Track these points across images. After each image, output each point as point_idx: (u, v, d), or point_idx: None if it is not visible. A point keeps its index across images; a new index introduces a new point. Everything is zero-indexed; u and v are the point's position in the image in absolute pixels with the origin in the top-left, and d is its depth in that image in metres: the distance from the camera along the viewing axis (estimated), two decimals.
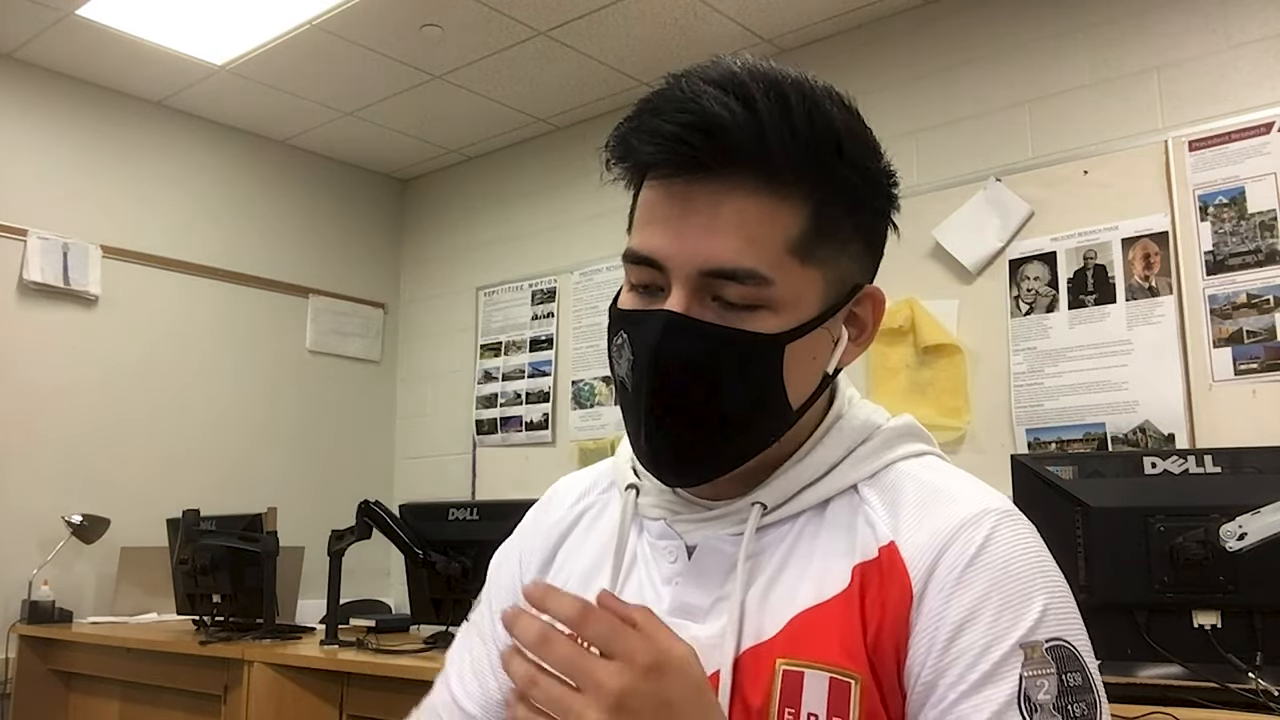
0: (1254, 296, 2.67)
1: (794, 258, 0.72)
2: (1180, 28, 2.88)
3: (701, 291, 0.72)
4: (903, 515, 0.74)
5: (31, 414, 3.68)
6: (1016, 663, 0.67)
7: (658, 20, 3.46)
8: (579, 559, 0.87)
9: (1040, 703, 0.67)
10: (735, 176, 0.70)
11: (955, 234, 3.15)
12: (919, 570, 0.71)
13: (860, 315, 0.80)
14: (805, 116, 0.71)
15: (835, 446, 0.79)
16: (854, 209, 0.75)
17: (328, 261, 4.65)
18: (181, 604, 3.24)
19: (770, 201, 0.71)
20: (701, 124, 0.69)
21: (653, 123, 0.71)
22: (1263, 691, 1.54)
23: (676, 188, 0.72)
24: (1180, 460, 1.67)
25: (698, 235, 0.71)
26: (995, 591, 0.69)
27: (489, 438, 4.37)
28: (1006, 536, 0.71)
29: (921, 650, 0.69)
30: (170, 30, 3.57)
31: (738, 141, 0.69)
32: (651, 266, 0.73)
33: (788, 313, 0.73)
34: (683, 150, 0.69)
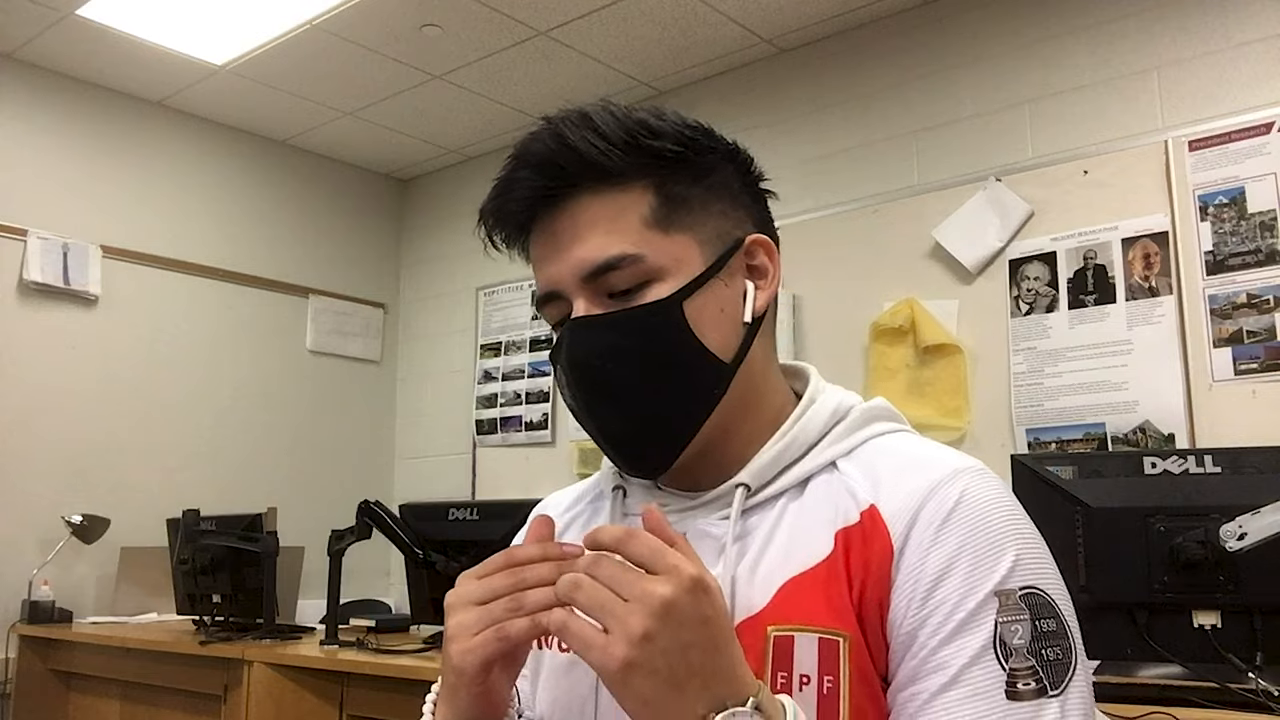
0: (1254, 296, 2.67)
1: (656, 231, 0.79)
2: (1180, 28, 2.88)
3: (595, 294, 0.79)
4: (882, 481, 0.78)
5: (31, 414, 3.68)
6: (991, 610, 0.70)
7: (658, 20, 3.46)
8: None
9: (1015, 647, 0.70)
10: (576, 192, 0.79)
11: (955, 234, 3.15)
12: (898, 528, 0.74)
13: (758, 264, 0.85)
14: (609, 119, 0.79)
15: (811, 428, 0.83)
16: (697, 177, 0.82)
17: (328, 261, 4.65)
18: (181, 604, 3.24)
19: (612, 196, 0.79)
20: (530, 164, 0.80)
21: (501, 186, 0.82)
22: (1263, 691, 1.54)
23: (544, 226, 0.81)
24: (1180, 460, 1.67)
25: (568, 250, 0.79)
26: (970, 544, 0.72)
27: (489, 438, 4.37)
28: (979, 492, 0.75)
29: (902, 603, 0.72)
30: (170, 30, 3.57)
31: (559, 162, 0.78)
32: (554, 299, 0.81)
33: (673, 277, 0.79)
34: (527, 189, 0.80)
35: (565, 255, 0.79)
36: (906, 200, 3.27)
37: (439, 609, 2.80)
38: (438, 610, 2.67)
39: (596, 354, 0.78)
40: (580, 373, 0.79)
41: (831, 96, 3.53)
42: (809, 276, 3.35)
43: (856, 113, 3.46)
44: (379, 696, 2.42)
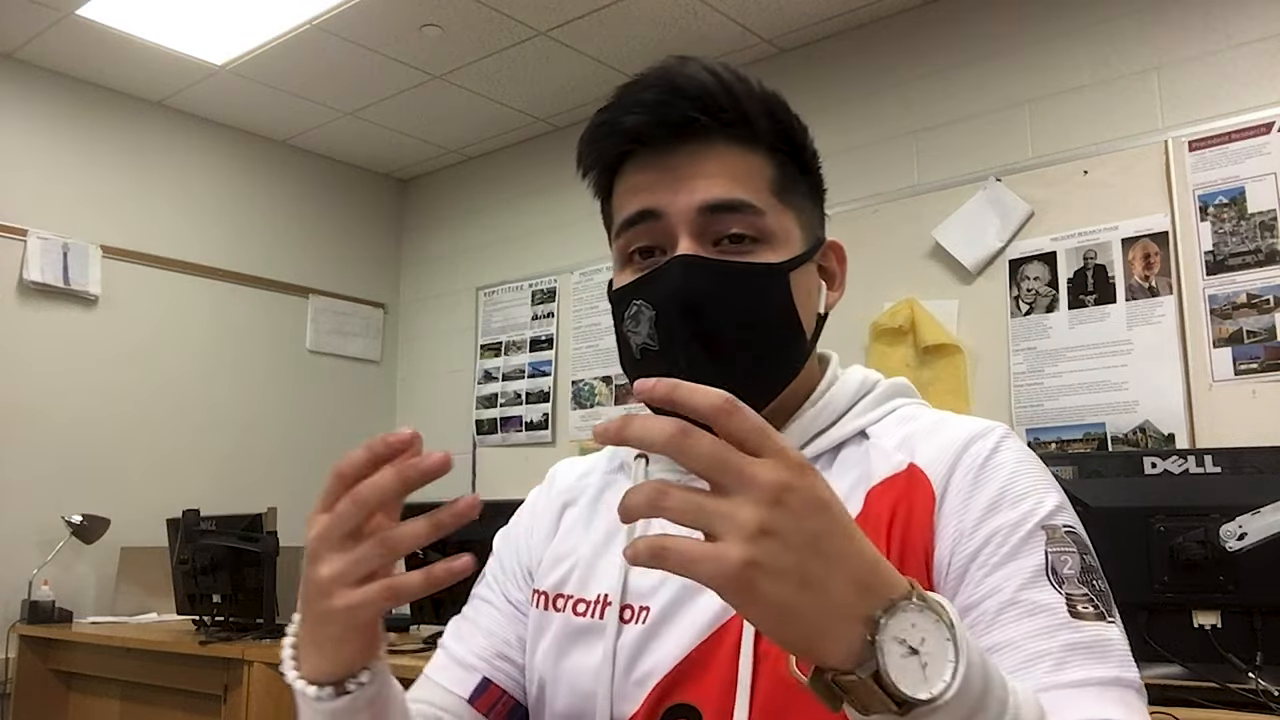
0: (1254, 296, 2.67)
1: (775, 197, 0.79)
2: (1180, 28, 2.88)
3: (703, 235, 0.77)
4: (917, 442, 0.79)
5: (31, 414, 3.68)
6: (1040, 540, 0.71)
7: (658, 20, 3.46)
8: (590, 528, 0.88)
9: (1066, 575, 0.70)
10: (711, 135, 0.77)
11: (955, 234, 3.15)
12: (938, 475, 0.76)
13: (828, 266, 0.86)
14: (758, 85, 0.80)
15: (840, 398, 0.84)
16: (805, 169, 0.84)
17: (328, 261, 4.65)
18: (181, 604, 3.24)
19: (745, 151, 0.79)
20: (683, 89, 0.77)
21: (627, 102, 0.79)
22: (1263, 691, 1.54)
23: (657, 159, 0.78)
24: (1180, 460, 1.67)
25: (689, 182, 0.77)
26: (1012, 485, 0.74)
27: (489, 438, 4.37)
28: (1014, 446, 0.78)
29: (948, 542, 0.73)
30: (170, 30, 3.57)
31: (717, 101, 0.77)
32: (649, 220, 0.78)
33: (780, 247, 0.79)
34: (668, 112, 0.76)
35: (687, 187, 0.77)
36: (906, 200, 3.27)
37: (439, 609, 2.82)
38: (438, 610, 2.68)
39: (706, 295, 0.76)
40: (682, 312, 0.76)
41: (831, 96, 3.53)
42: None
43: (856, 113, 3.46)
44: None
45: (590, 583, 0.84)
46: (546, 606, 0.86)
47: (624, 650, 0.78)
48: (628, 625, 0.79)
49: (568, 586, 0.85)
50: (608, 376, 4.01)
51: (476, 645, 0.88)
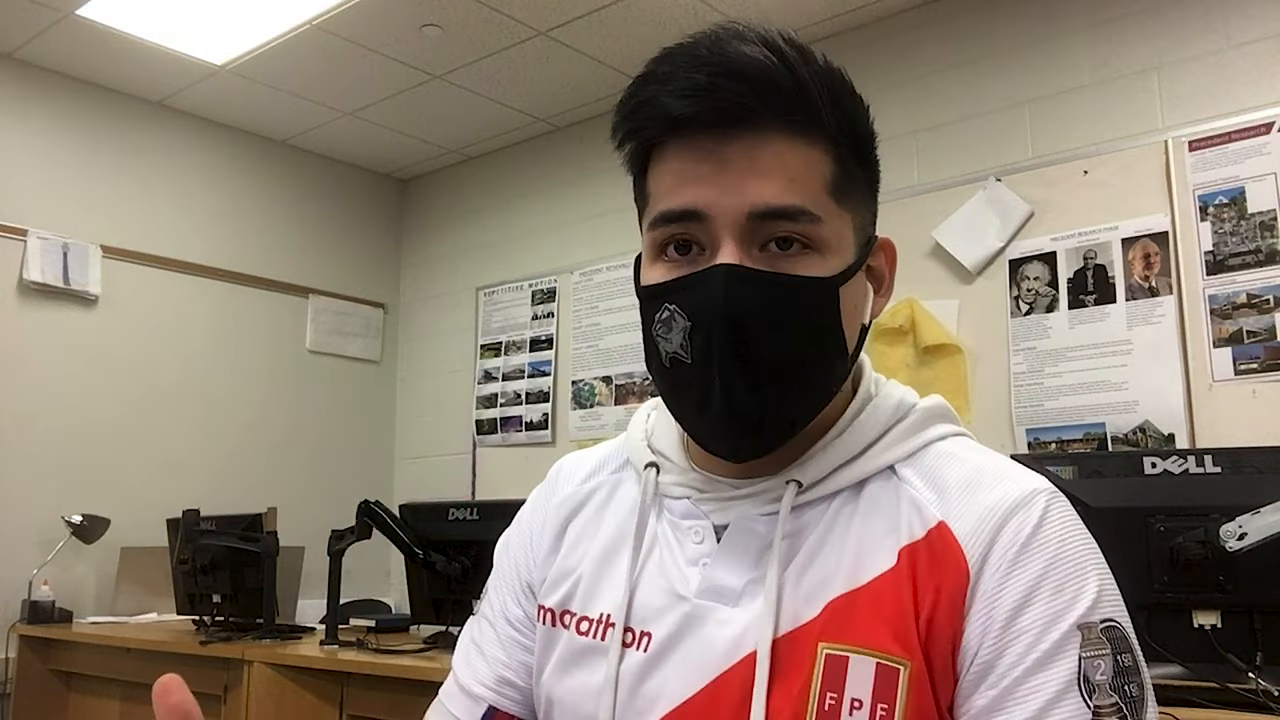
0: (1254, 296, 2.67)
1: (832, 198, 0.72)
2: (1180, 28, 2.88)
3: (749, 241, 0.70)
4: (950, 496, 0.72)
5: (31, 414, 3.68)
6: (1074, 643, 0.67)
7: (658, 20, 3.46)
8: (594, 539, 0.84)
9: (1098, 684, 0.66)
10: (767, 125, 0.70)
11: (955, 234, 3.15)
12: (975, 550, 0.69)
13: (876, 267, 0.80)
14: (824, 67, 0.72)
15: (871, 425, 0.77)
16: (864, 159, 0.76)
17: (328, 261, 4.65)
18: (181, 604, 3.24)
19: (804, 146, 0.71)
20: (739, 71, 0.68)
21: (676, 79, 0.70)
22: (1263, 691, 1.54)
23: (706, 145, 0.70)
24: (1180, 460, 1.67)
25: (740, 180, 0.69)
26: (1052, 572, 0.68)
27: (489, 438, 4.37)
28: (1058, 517, 0.71)
29: (978, 630, 0.68)
30: (170, 30, 3.57)
31: (776, 82, 0.69)
32: (691, 220, 0.71)
33: (833, 256, 0.72)
34: (721, 98, 0.68)
35: (736, 183, 0.69)
36: (906, 200, 3.27)
37: (439, 609, 2.82)
38: (438, 610, 2.68)
39: (752, 312, 0.69)
40: (721, 328, 0.69)
41: None
42: None
43: None
44: (379, 697, 2.41)
45: (593, 600, 0.80)
46: (554, 623, 0.83)
47: (626, 676, 0.75)
48: (629, 650, 0.76)
49: (573, 603, 0.82)
50: (608, 376, 4.01)
51: (480, 672, 0.87)
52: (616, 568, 0.80)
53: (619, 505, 0.84)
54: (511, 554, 0.90)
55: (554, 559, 0.85)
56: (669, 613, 0.75)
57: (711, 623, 0.73)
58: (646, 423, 0.87)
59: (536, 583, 0.86)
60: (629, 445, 0.87)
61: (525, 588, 0.87)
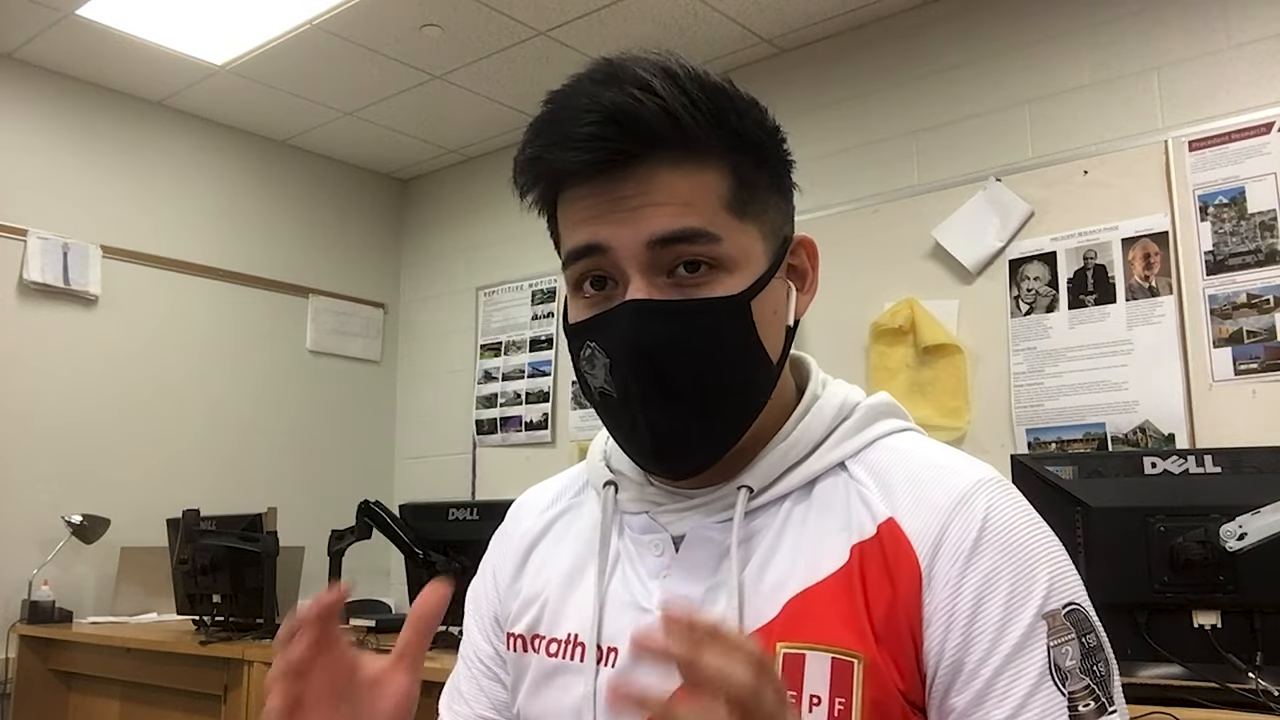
0: (1254, 296, 2.67)
1: (731, 215, 0.73)
2: (1180, 28, 2.88)
3: (655, 269, 0.72)
4: (897, 491, 0.74)
5: (31, 414, 3.68)
6: (1041, 634, 0.68)
7: (658, 20, 3.46)
8: (556, 564, 0.86)
9: (1069, 670, 0.68)
10: (654, 158, 0.71)
11: (955, 234, 3.15)
12: (925, 548, 0.71)
13: (798, 265, 0.81)
14: (696, 84, 0.72)
15: (816, 426, 0.79)
16: (763, 162, 0.76)
17: (328, 261, 4.65)
18: (181, 604, 3.24)
19: (693, 170, 0.72)
20: (608, 118, 0.70)
21: (561, 133, 0.72)
22: (1263, 691, 1.54)
23: (601, 187, 0.72)
24: (1180, 460, 1.67)
25: (636, 213, 0.71)
26: (1005, 564, 0.70)
27: (489, 438, 4.37)
28: (1005, 507, 0.72)
29: (940, 630, 0.69)
30: (170, 30, 3.57)
31: (649, 124, 0.70)
32: (596, 254, 0.73)
33: (741, 271, 0.73)
34: (601, 146, 0.70)
35: (632, 219, 0.71)
36: (906, 200, 3.27)
37: None
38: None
39: (662, 345, 0.71)
40: (638, 363, 0.72)
41: (831, 96, 3.53)
42: None
43: (856, 113, 3.46)
44: None
45: (560, 621, 0.82)
46: (524, 649, 0.84)
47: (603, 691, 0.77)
48: (601, 667, 0.78)
49: (540, 627, 0.84)
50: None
51: (461, 715, 0.90)
52: (582, 588, 0.82)
53: (582, 527, 0.86)
54: (477, 593, 0.93)
55: (518, 588, 0.88)
56: (633, 627, 0.76)
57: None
58: (605, 445, 0.89)
59: (503, 615, 0.89)
60: (589, 467, 0.89)
61: (493, 623, 0.90)
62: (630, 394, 0.73)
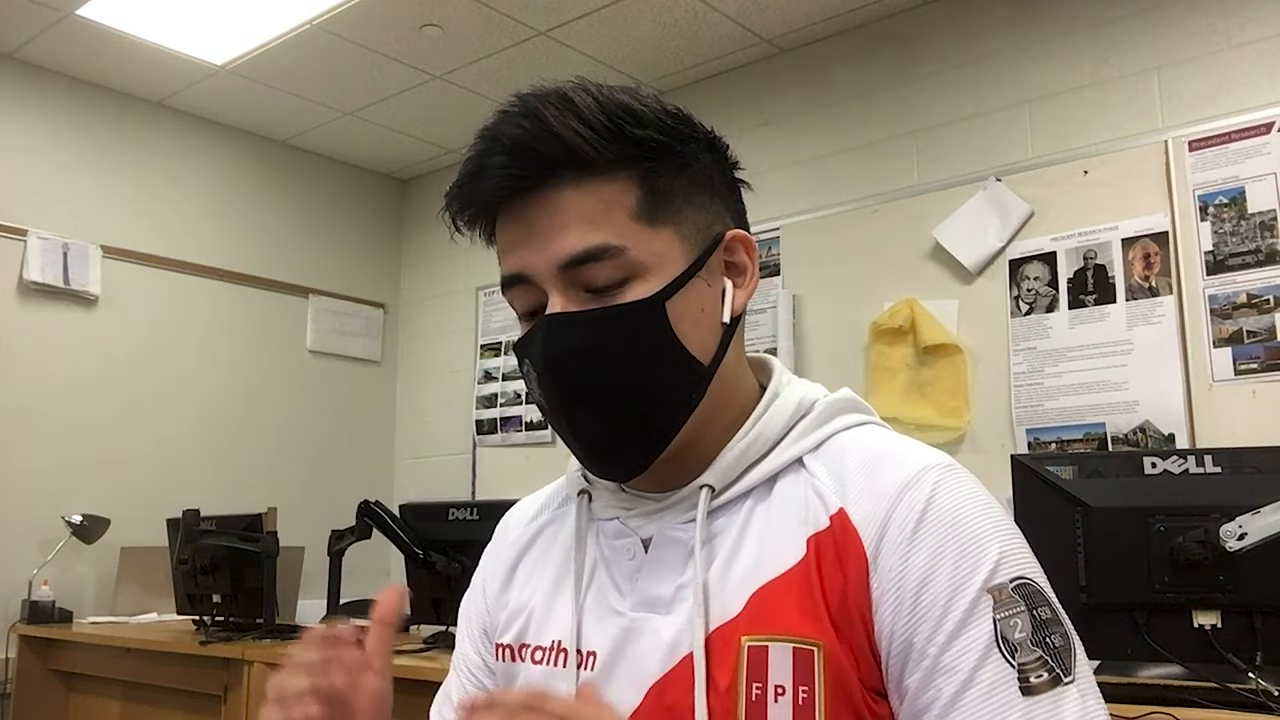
0: (1254, 296, 2.67)
1: (640, 224, 0.75)
2: (1180, 28, 2.88)
3: (571, 287, 0.76)
4: (849, 482, 0.76)
5: (31, 414, 3.68)
6: (986, 607, 0.69)
7: (658, 20, 3.46)
8: (542, 574, 0.88)
9: (1018, 641, 0.68)
10: (557, 181, 0.75)
11: (955, 234, 3.15)
12: (870, 534, 0.73)
13: (736, 262, 0.82)
14: (593, 104, 0.75)
15: (775, 424, 0.81)
16: (680, 168, 0.78)
17: (328, 261, 4.65)
18: (181, 604, 3.24)
19: (595, 186, 0.75)
20: (506, 149, 0.75)
21: (472, 168, 0.78)
22: (1263, 691, 1.54)
23: (516, 213, 0.77)
24: (1180, 460, 1.67)
25: (546, 237, 0.75)
26: (949, 542, 0.71)
27: (489, 438, 4.37)
28: (950, 488, 0.73)
29: (888, 613, 0.71)
30: (170, 30, 3.57)
31: (540, 149, 0.74)
32: (521, 283, 0.78)
33: (655, 275, 0.76)
34: (502, 176, 0.75)
35: (543, 244, 0.75)
36: (906, 200, 3.27)
37: (439, 609, 2.82)
38: (438, 611, 2.68)
39: (574, 354, 0.75)
40: (555, 373, 0.76)
41: (831, 96, 3.53)
42: (809, 276, 3.34)
43: (856, 113, 3.46)
44: None
45: (545, 629, 0.84)
46: (512, 658, 0.87)
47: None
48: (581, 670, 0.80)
49: (527, 635, 0.86)
50: None
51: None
52: (563, 596, 0.84)
53: (564, 538, 0.88)
54: (468, 607, 0.96)
55: (506, 600, 0.90)
56: (609, 630, 0.79)
57: (647, 632, 0.77)
58: None
59: (491, 627, 0.91)
60: (567, 478, 0.91)
61: (482, 635, 0.92)
62: (555, 403, 0.77)
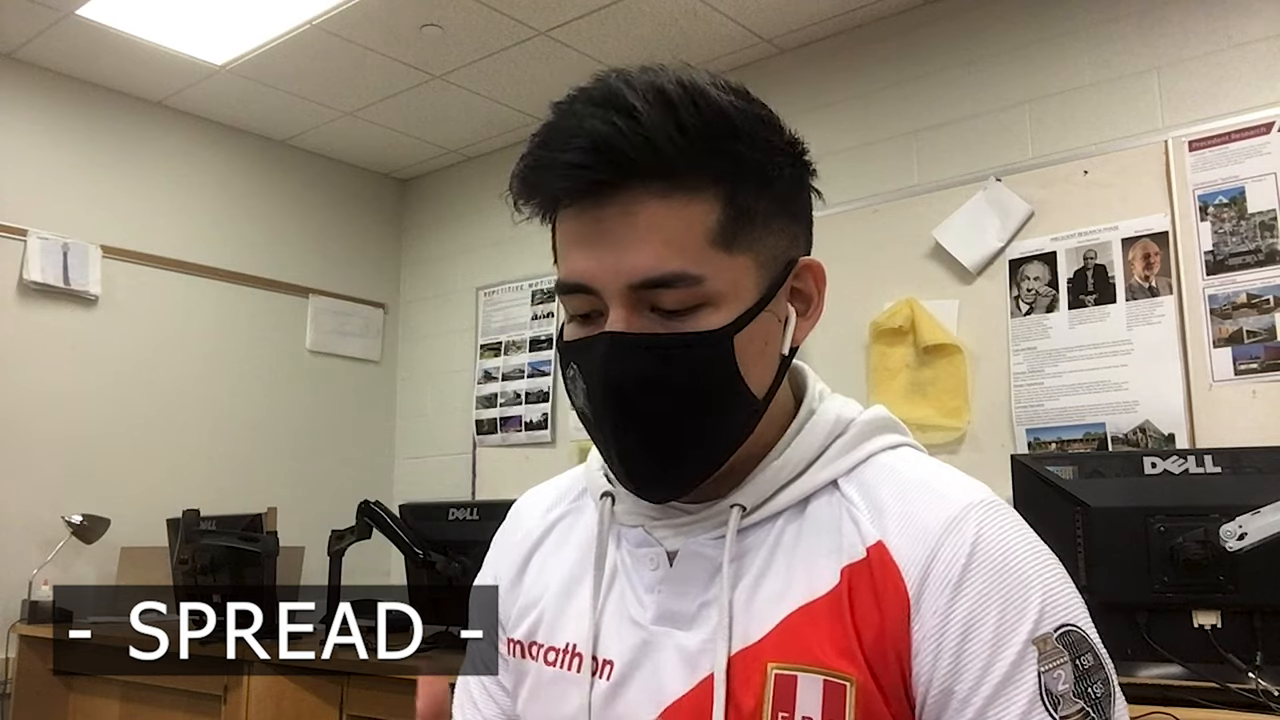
0: (1254, 296, 2.66)
1: (718, 249, 0.71)
2: (1180, 28, 2.88)
3: (638, 304, 0.71)
4: (887, 512, 0.73)
5: (31, 414, 3.68)
6: (1031, 659, 0.67)
7: (658, 20, 3.45)
8: (556, 569, 0.86)
9: (1061, 694, 0.67)
10: (640, 186, 0.70)
11: (955, 234, 3.15)
12: (913, 574, 0.70)
13: (803, 289, 0.79)
14: (691, 109, 0.70)
15: (810, 443, 0.78)
16: (765, 186, 0.74)
17: (328, 261, 4.65)
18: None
19: (680, 201, 0.70)
20: (591, 145, 0.69)
21: (546, 156, 0.72)
22: (1263, 691, 1.54)
23: (588, 212, 0.71)
24: (1180, 460, 1.67)
25: (619, 251, 0.70)
26: (995, 590, 0.69)
27: (489, 438, 4.37)
28: (994, 530, 0.71)
29: (929, 658, 0.69)
30: (170, 30, 3.57)
31: (628, 153, 0.69)
32: (583, 292, 0.73)
33: (728, 305, 0.72)
34: (581, 175, 0.70)
35: (615, 255, 0.70)
36: (906, 200, 3.27)
37: (439, 609, 2.82)
38: (438, 610, 2.67)
39: (634, 378, 0.71)
40: (612, 393, 0.72)
41: (831, 96, 3.53)
42: None
43: (856, 113, 3.46)
44: (379, 697, 2.41)
45: (558, 630, 0.82)
46: (523, 655, 0.85)
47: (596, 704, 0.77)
48: (596, 679, 0.78)
49: (539, 634, 0.84)
50: None
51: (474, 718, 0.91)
52: (579, 597, 0.82)
53: (580, 534, 0.86)
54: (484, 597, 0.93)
55: (517, 593, 0.88)
56: (628, 640, 0.77)
57: (667, 647, 0.76)
58: None
59: (503, 618, 0.89)
60: (588, 476, 0.88)
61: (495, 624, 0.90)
62: (604, 422, 0.74)
